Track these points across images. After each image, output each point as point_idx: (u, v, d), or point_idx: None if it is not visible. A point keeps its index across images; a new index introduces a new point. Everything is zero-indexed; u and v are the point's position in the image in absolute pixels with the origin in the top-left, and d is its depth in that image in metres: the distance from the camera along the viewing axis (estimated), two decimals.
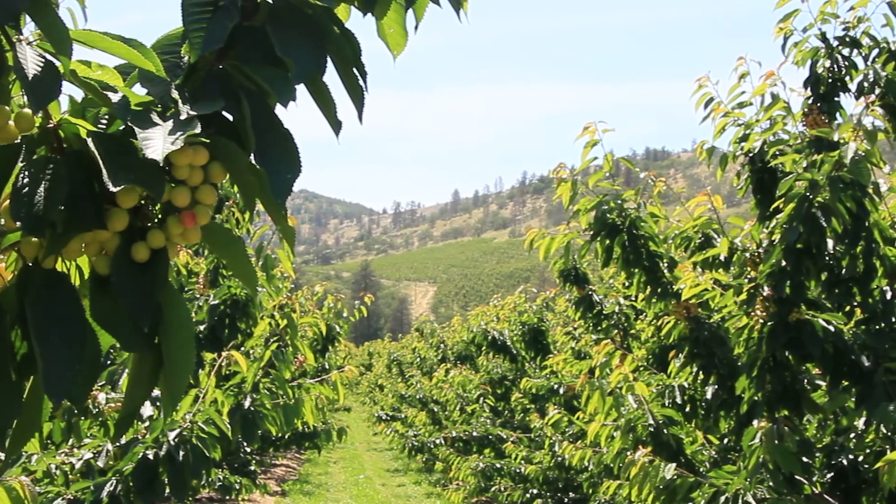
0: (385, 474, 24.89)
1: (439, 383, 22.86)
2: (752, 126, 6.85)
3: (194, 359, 1.82)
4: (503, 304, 18.96)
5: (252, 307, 9.34)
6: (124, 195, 1.72)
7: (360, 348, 62.54)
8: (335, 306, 17.30)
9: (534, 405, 16.47)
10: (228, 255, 1.97)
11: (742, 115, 7.01)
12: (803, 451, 6.00)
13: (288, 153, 1.83)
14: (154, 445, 5.99)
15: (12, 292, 1.77)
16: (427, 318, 34.51)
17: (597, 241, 8.00)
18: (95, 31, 1.81)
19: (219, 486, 14.72)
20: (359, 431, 37.44)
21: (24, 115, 1.74)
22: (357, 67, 2.03)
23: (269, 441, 19.52)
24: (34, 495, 4.03)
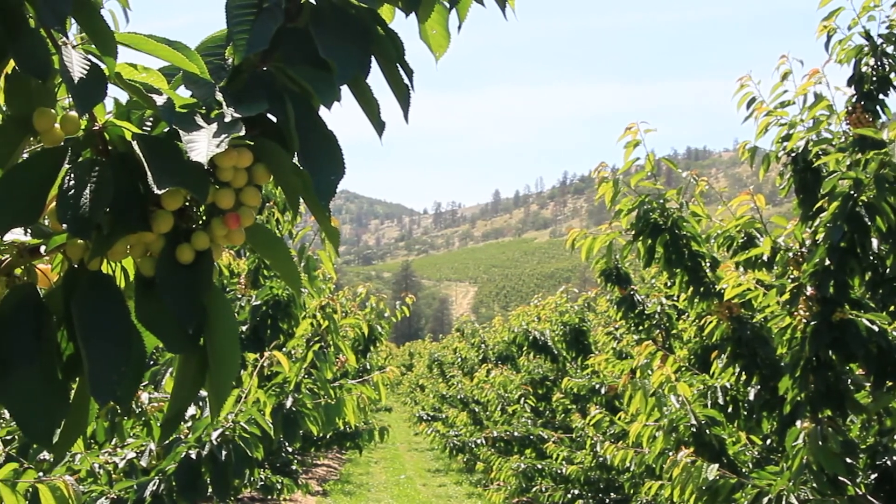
0: (426, 474, 24.89)
1: (480, 383, 22.83)
2: (795, 125, 6.82)
3: (239, 360, 1.82)
4: (544, 304, 18.93)
5: (294, 308, 9.37)
6: (169, 197, 1.73)
7: (401, 348, 62.62)
8: (377, 307, 17.33)
9: (575, 405, 16.44)
10: (272, 256, 1.98)
11: (785, 114, 6.98)
12: (847, 452, 5.96)
13: (331, 154, 1.84)
14: (197, 445, 6.01)
15: (58, 294, 1.78)
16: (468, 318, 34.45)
17: (639, 241, 7.98)
18: (140, 34, 1.82)
19: (261, 485, 14.78)
20: (400, 431, 37.45)
21: (69, 117, 1.75)
22: (402, 66, 2.03)
23: (310, 441, 19.56)
24: (78, 494, 4.05)
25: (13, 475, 4.08)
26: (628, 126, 8.00)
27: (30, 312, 1.72)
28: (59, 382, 1.71)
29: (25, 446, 5.47)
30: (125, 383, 1.68)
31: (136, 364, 1.74)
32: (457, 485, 22.32)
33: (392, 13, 2.11)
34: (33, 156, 1.73)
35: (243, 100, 1.81)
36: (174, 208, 1.74)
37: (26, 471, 4.28)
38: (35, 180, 1.70)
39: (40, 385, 1.67)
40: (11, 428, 5.67)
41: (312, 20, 1.90)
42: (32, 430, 1.67)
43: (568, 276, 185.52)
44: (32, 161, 1.72)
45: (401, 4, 2.07)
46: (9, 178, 1.68)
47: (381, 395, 8.78)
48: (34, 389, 1.67)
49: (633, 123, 8.00)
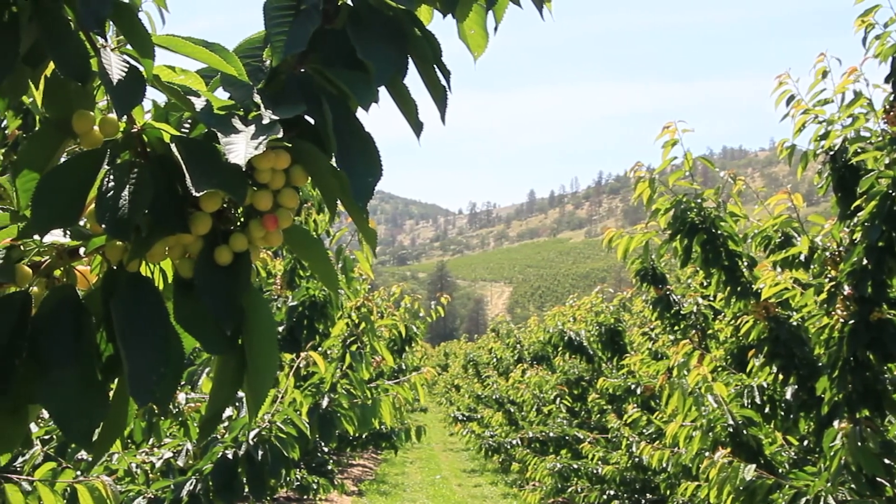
0: (461, 475, 24.89)
1: (516, 384, 22.82)
2: (833, 123, 6.78)
3: (278, 361, 1.83)
4: (579, 304, 18.91)
5: (330, 308, 9.39)
6: (207, 199, 1.73)
7: (437, 349, 62.65)
8: (412, 307, 17.35)
9: (611, 406, 16.40)
10: (309, 257, 1.98)
11: (822, 112, 6.94)
12: (885, 453, 5.93)
13: (369, 156, 1.84)
14: (233, 445, 6.03)
15: (97, 295, 1.79)
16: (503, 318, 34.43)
17: (676, 241, 7.97)
18: (178, 36, 1.83)
19: (297, 485, 14.81)
20: (435, 432, 37.44)
21: (108, 120, 1.76)
22: (439, 67, 2.03)
23: (346, 441, 19.60)
24: (116, 494, 4.07)
25: (51, 475, 4.11)
26: (666, 125, 7.98)
27: (69, 314, 1.73)
28: (99, 383, 1.72)
29: (63, 446, 5.49)
30: (164, 384, 1.69)
31: (174, 365, 1.74)
32: (492, 485, 22.31)
33: (430, 14, 2.11)
34: (72, 158, 1.73)
35: (281, 102, 1.81)
36: (212, 210, 1.75)
37: (64, 470, 4.31)
38: (74, 182, 1.70)
39: (80, 386, 1.68)
40: (50, 427, 5.70)
41: (350, 22, 1.90)
42: (72, 430, 1.68)
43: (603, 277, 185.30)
44: (72, 163, 1.72)
45: (438, 5, 2.07)
46: (48, 180, 1.69)
47: (420, 395, 8.78)
48: (74, 390, 1.68)
49: (670, 122, 7.98)
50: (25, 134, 5.40)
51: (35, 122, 5.23)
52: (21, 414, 1.81)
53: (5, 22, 1.63)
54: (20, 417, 1.81)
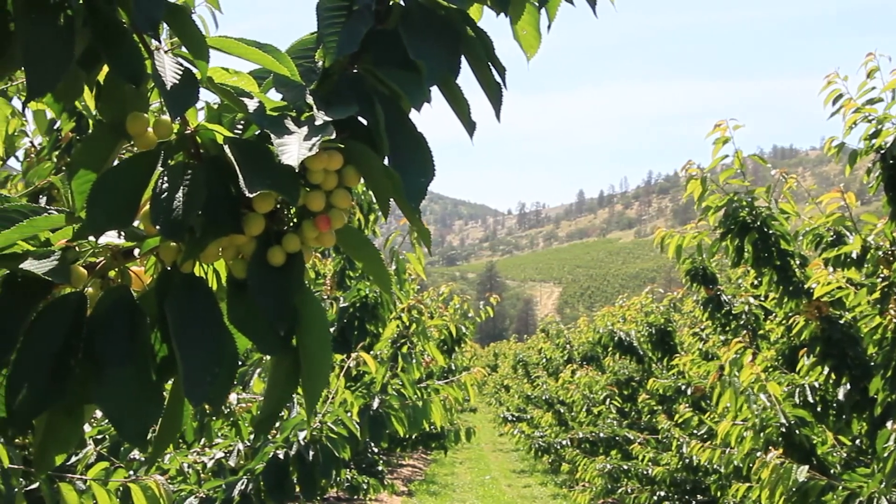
0: (511, 475, 24.86)
1: (565, 384, 22.79)
2: (884, 121, 6.73)
3: (332, 361, 1.83)
4: (629, 304, 18.87)
5: (381, 309, 9.41)
6: (260, 200, 1.74)
7: (486, 349, 62.62)
8: (461, 307, 17.35)
9: (661, 406, 16.35)
10: (362, 258, 1.98)
11: (873, 110, 6.89)
12: None
13: (421, 156, 1.84)
14: (284, 445, 6.05)
15: (152, 296, 1.81)
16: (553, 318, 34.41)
17: (727, 240, 7.94)
18: (231, 38, 1.83)
19: (347, 485, 14.84)
20: (484, 432, 37.40)
21: (162, 122, 1.77)
22: (493, 64, 2.02)
23: (396, 441, 19.63)
24: (168, 493, 4.10)
25: (104, 474, 4.14)
26: (717, 123, 7.96)
27: (124, 314, 1.74)
28: (153, 383, 1.73)
29: (116, 445, 5.53)
30: (218, 385, 1.70)
31: (228, 365, 1.75)
32: (542, 486, 22.27)
33: (480, 12, 2.11)
34: (127, 160, 1.75)
35: (333, 103, 1.82)
36: (265, 211, 1.76)
37: (117, 470, 4.34)
38: (129, 184, 1.72)
39: (134, 386, 1.70)
40: (102, 427, 5.74)
41: (401, 22, 1.91)
42: (127, 430, 1.69)
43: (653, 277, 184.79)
44: (126, 165, 1.74)
45: (490, 3, 2.07)
46: (103, 181, 1.70)
47: (470, 395, 8.79)
48: (129, 390, 1.69)
49: (721, 121, 7.96)
50: (79, 136, 5.44)
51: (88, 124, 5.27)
52: (77, 414, 1.82)
53: (60, 25, 1.65)
54: (76, 418, 1.83)
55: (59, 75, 1.63)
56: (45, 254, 1.76)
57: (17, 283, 1.77)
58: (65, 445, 1.84)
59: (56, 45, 1.63)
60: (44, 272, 1.70)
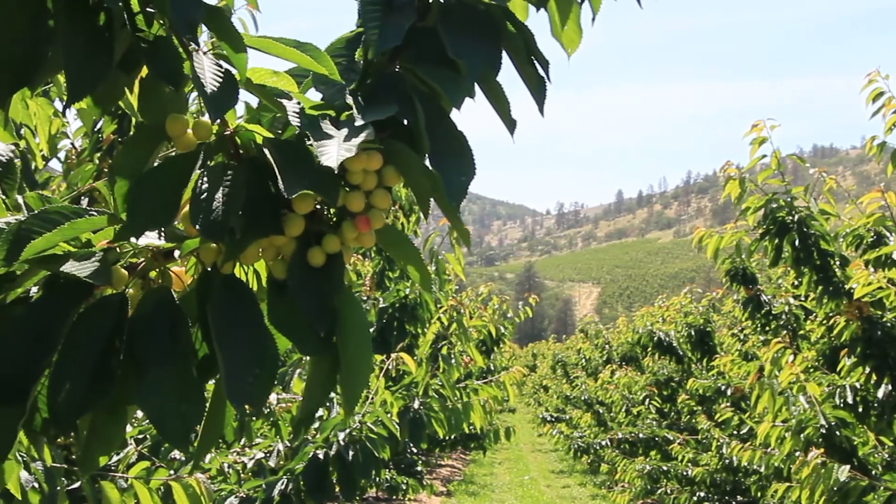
0: (550, 475, 24.84)
1: (604, 384, 22.75)
2: None
3: (372, 362, 1.83)
4: (668, 304, 18.82)
5: (420, 310, 9.42)
6: (300, 201, 1.74)
7: (525, 349, 62.57)
8: (500, 307, 17.34)
9: (700, 407, 16.31)
10: (403, 258, 1.98)
11: None
12: None
13: (462, 156, 1.83)
14: (324, 445, 6.07)
15: (192, 297, 1.81)
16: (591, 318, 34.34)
17: (766, 240, 7.90)
18: (269, 37, 1.84)
19: (386, 486, 14.88)
20: (523, 432, 37.37)
21: (201, 123, 1.77)
22: (536, 58, 2.01)
23: (435, 442, 19.64)
24: (210, 492, 4.12)
25: (145, 473, 4.16)
26: (754, 123, 7.93)
27: (165, 315, 1.75)
28: (195, 384, 1.74)
29: (157, 445, 5.56)
30: (259, 385, 1.70)
31: (269, 366, 1.75)
32: (581, 486, 22.24)
33: (525, 10, 2.10)
34: (167, 161, 1.75)
35: (373, 102, 1.81)
36: (305, 212, 1.76)
37: (158, 469, 4.36)
38: (169, 185, 1.72)
39: (176, 386, 1.70)
40: (143, 427, 5.77)
41: (441, 19, 1.90)
42: (168, 431, 1.69)
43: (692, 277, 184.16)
44: (166, 166, 1.74)
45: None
46: (143, 183, 1.71)
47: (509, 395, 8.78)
48: (170, 390, 1.69)
49: (758, 120, 7.93)
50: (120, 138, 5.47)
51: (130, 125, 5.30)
52: (119, 415, 1.83)
53: (100, 28, 1.65)
54: (118, 418, 1.84)
55: (100, 78, 1.64)
56: (87, 255, 1.76)
57: (58, 284, 1.78)
58: (108, 446, 1.85)
59: (95, 47, 1.64)
60: (85, 274, 1.71)
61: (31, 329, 1.71)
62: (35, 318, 1.73)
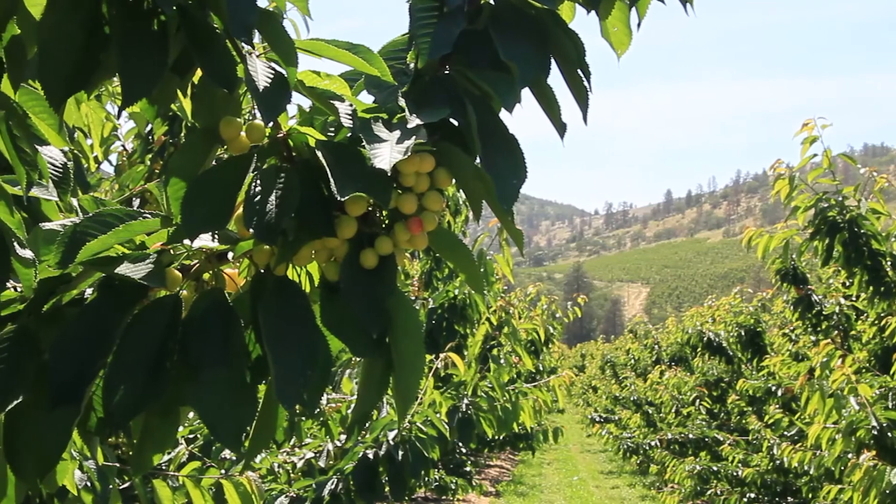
0: (599, 476, 24.78)
1: (654, 385, 22.69)
2: None
3: (425, 363, 1.83)
4: (718, 304, 18.75)
5: (469, 310, 9.42)
6: (353, 203, 1.75)
7: (574, 350, 62.47)
8: (549, 308, 17.32)
9: (751, 407, 16.23)
10: (455, 259, 1.98)
11: None
12: None
13: (513, 158, 1.83)
14: (374, 445, 6.08)
15: (245, 298, 1.82)
16: (640, 319, 34.24)
17: (816, 240, 7.86)
18: (322, 40, 1.85)
19: (435, 485, 14.89)
20: (572, 433, 37.29)
21: (255, 126, 1.78)
22: (581, 68, 2.02)
23: (483, 442, 19.64)
24: (261, 491, 4.15)
25: (196, 473, 4.19)
26: (805, 122, 7.89)
27: (218, 317, 1.76)
28: (247, 385, 1.75)
29: (208, 445, 5.59)
30: (311, 387, 1.71)
31: (322, 368, 1.76)
32: (630, 487, 22.17)
33: (572, 12, 2.10)
34: (220, 164, 1.76)
35: (424, 104, 1.82)
36: (358, 214, 1.76)
37: (209, 468, 4.39)
38: (222, 187, 1.74)
39: (229, 387, 1.71)
40: (194, 427, 5.81)
41: (492, 22, 1.90)
42: (221, 432, 1.70)
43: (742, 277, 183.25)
44: (220, 169, 1.76)
45: (581, 1, 2.06)
46: (197, 185, 1.72)
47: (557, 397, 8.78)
48: (223, 391, 1.70)
49: (809, 119, 7.89)
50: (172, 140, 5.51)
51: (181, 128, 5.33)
52: (172, 415, 1.85)
53: (154, 31, 1.67)
54: (171, 419, 1.85)
55: (154, 81, 1.65)
56: (141, 257, 1.78)
57: (113, 286, 1.79)
58: (161, 446, 1.87)
59: (150, 51, 1.66)
60: (139, 276, 1.73)
61: (86, 330, 1.73)
62: (90, 320, 1.74)
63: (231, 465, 5.15)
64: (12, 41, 1.78)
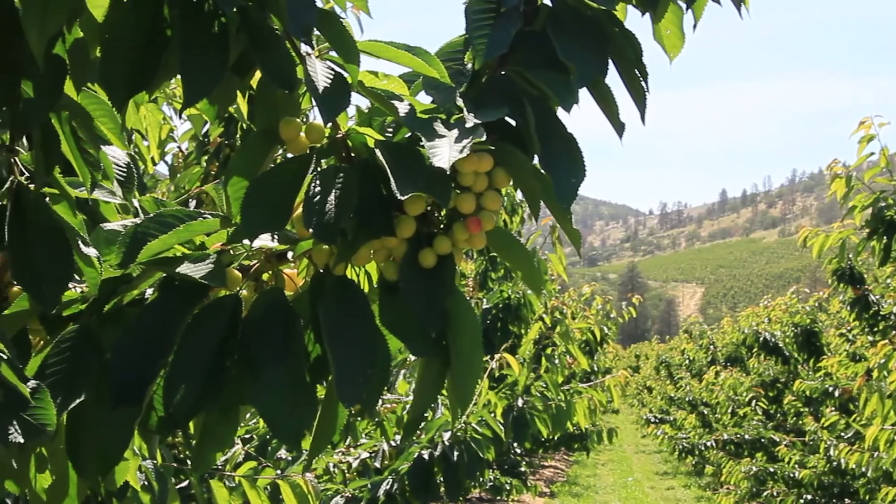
0: (654, 477, 24.69)
1: (709, 385, 22.59)
2: None
3: (482, 363, 1.83)
4: (774, 304, 18.65)
5: (524, 310, 9.40)
6: (412, 203, 1.75)
7: (628, 350, 62.23)
8: (603, 308, 17.28)
9: (807, 408, 16.12)
10: (512, 259, 1.98)
11: None
12: None
13: (572, 157, 1.83)
14: (429, 446, 6.09)
15: (305, 298, 1.83)
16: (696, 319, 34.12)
17: (873, 239, 7.79)
18: (380, 41, 1.85)
19: (490, 486, 14.87)
20: (627, 433, 37.17)
21: (314, 126, 1.79)
22: (638, 68, 2.01)
23: (538, 442, 19.61)
24: (317, 491, 4.15)
25: (253, 472, 4.20)
26: (862, 120, 7.82)
27: (278, 316, 1.77)
28: (307, 384, 1.75)
29: (263, 445, 5.61)
30: (371, 386, 1.72)
31: (381, 367, 1.76)
32: (685, 488, 22.07)
33: (625, 12, 2.09)
34: (280, 164, 1.77)
35: (482, 104, 1.82)
36: (416, 213, 1.77)
37: (264, 468, 4.41)
38: (282, 188, 1.75)
39: (289, 386, 1.72)
40: (250, 427, 5.83)
41: (549, 22, 1.90)
42: (282, 431, 1.71)
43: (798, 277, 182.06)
44: (279, 169, 1.77)
45: (635, 3, 2.06)
46: (257, 186, 1.73)
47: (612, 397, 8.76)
48: (283, 390, 1.71)
49: (866, 118, 7.82)
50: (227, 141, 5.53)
51: (237, 129, 5.36)
52: (232, 414, 1.86)
53: (215, 33, 1.68)
54: (231, 418, 1.86)
55: (215, 82, 1.67)
56: (201, 257, 1.79)
57: (174, 286, 1.81)
58: (221, 445, 1.88)
59: (211, 52, 1.67)
60: (200, 275, 1.74)
61: (147, 330, 1.75)
62: (151, 320, 1.76)
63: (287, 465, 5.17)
64: (75, 44, 1.79)
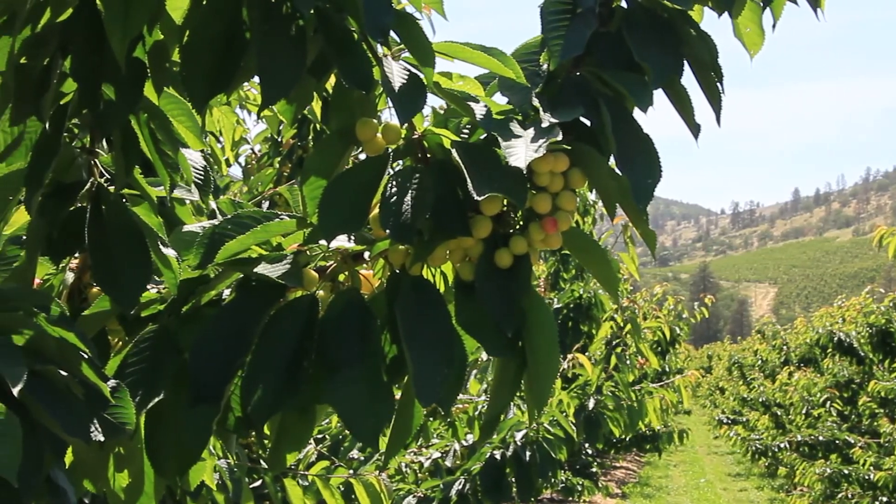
0: (726, 478, 24.50)
1: (783, 386, 22.41)
2: None
3: (559, 363, 1.83)
4: (848, 305, 18.48)
5: (595, 310, 9.39)
6: (488, 203, 1.75)
7: (700, 350, 61.87)
8: (675, 308, 17.21)
9: (882, 409, 15.95)
10: (589, 260, 1.97)
11: None
12: None
13: (648, 158, 1.82)
14: (501, 446, 6.09)
15: (381, 298, 1.84)
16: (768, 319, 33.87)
17: None
18: (456, 42, 1.85)
19: (561, 486, 14.84)
20: (699, 434, 36.93)
21: (390, 127, 1.80)
22: (714, 70, 2.00)
23: (609, 443, 19.56)
24: (389, 490, 4.18)
25: (326, 472, 4.23)
26: None
27: (355, 316, 1.78)
28: (384, 383, 1.76)
29: (336, 444, 5.64)
30: (447, 385, 1.72)
31: (457, 366, 1.77)
32: (758, 490, 21.90)
33: (701, 13, 2.08)
34: (356, 165, 1.79)
35: (557, 105, 1.82)
36: (492, 213, 1.77)
37: (338, 468, 4.43)
38: (358, 189, 1.76)
39: (367, 386, 1.73)
40: (322, 427, 5.86)
41: (625, 24, 1.90)
42: (359, 430, 1.72)
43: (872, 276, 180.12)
44: (356, 170, 1.78)
45: (711, 3, 2.05)
46: (334, 187, 1.75)
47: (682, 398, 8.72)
48: (361, 390, 1.72)
49: None
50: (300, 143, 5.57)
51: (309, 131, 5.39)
52: (308, 414, 1.87)
53: (292, 35, 1.69)
54: (308, 417, 1.88)
55: (292, 83, 1.68)
56: (278, 258, 1.81)
57: (251, 286, 1.83)
58: (297, 444, 1.90)
59: (289, 53, 1.68)
60: (277, 276, 1.76)
61: (225, 330, 1.77)
62: (229, 319, 1.78)
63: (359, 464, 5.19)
64: (155, 46, 1.81)
